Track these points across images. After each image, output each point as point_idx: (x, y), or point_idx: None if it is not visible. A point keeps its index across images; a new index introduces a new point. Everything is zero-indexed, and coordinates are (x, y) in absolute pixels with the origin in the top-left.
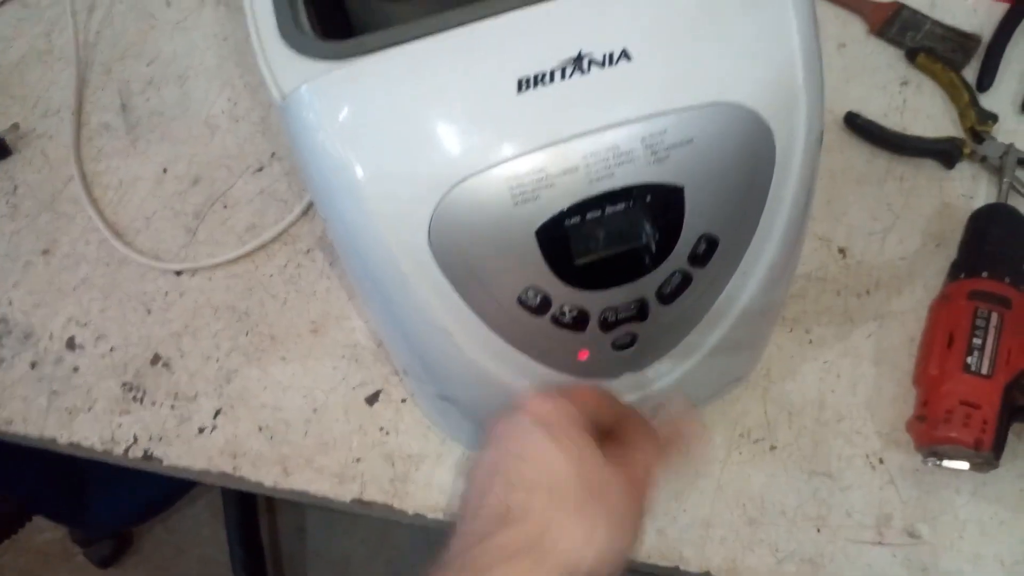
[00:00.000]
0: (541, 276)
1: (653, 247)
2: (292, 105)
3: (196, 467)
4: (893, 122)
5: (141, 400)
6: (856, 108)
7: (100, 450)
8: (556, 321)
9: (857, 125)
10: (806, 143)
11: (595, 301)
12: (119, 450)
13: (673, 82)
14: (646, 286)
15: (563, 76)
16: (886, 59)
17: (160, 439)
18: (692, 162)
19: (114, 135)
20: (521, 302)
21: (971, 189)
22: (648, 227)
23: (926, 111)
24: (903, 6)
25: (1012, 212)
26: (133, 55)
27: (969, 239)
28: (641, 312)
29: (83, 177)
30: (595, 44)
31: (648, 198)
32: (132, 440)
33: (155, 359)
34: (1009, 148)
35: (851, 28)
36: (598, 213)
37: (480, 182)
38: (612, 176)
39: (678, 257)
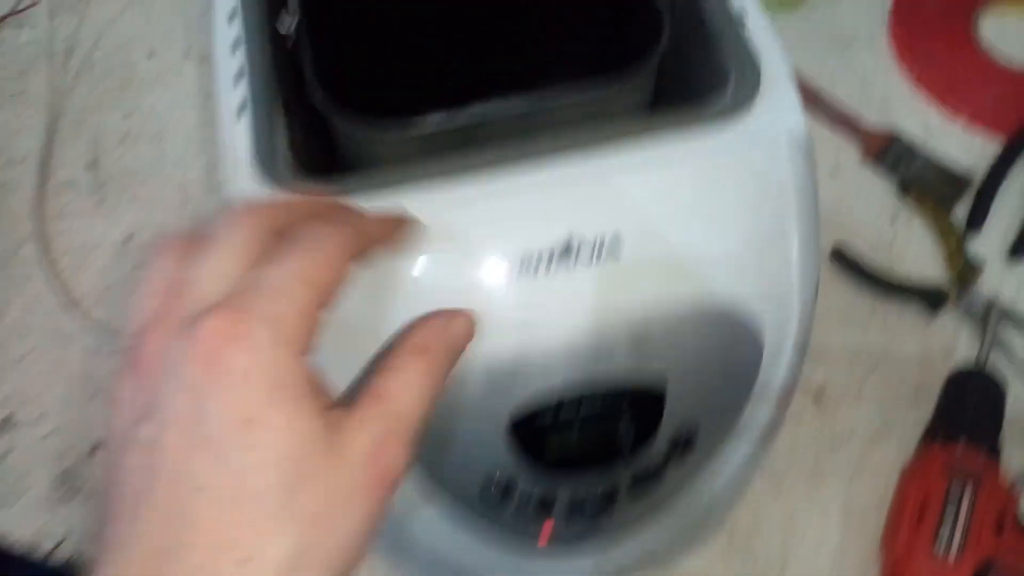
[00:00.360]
0: (510, 466)
1: (629, 442)
2: None
3: None
4: (881, 257)
5: (75, 494)
6: (845, 238)
7: (22, 546)
8: (521, 507)
9: (844, 260)
10: (795, 348)
11: (563, 490)
12: (44, 548)
13: (663, 281)
14: (618, 476)
15: (549, 266)
16: (877, 190)
17: (92, 540)
18: (676, 362)
19: (79, 193)
20: (484, 488)
21: (954, 340)
22: (626, 422)
23: (914, 249)
24: (898, 137)
25: (989, 381)
26: (110, 106)
27: (946, 406)
28: (610, 500)
29: (42, 237)
30: (586, 231)
31: (628, 396)
32: (60, 539)
33: (95, 448)
34: (993, 303)
35: (845, 154)
36: (575, 407)
37: (456, 367)
38: (592, 372)
39: (655, 450)
